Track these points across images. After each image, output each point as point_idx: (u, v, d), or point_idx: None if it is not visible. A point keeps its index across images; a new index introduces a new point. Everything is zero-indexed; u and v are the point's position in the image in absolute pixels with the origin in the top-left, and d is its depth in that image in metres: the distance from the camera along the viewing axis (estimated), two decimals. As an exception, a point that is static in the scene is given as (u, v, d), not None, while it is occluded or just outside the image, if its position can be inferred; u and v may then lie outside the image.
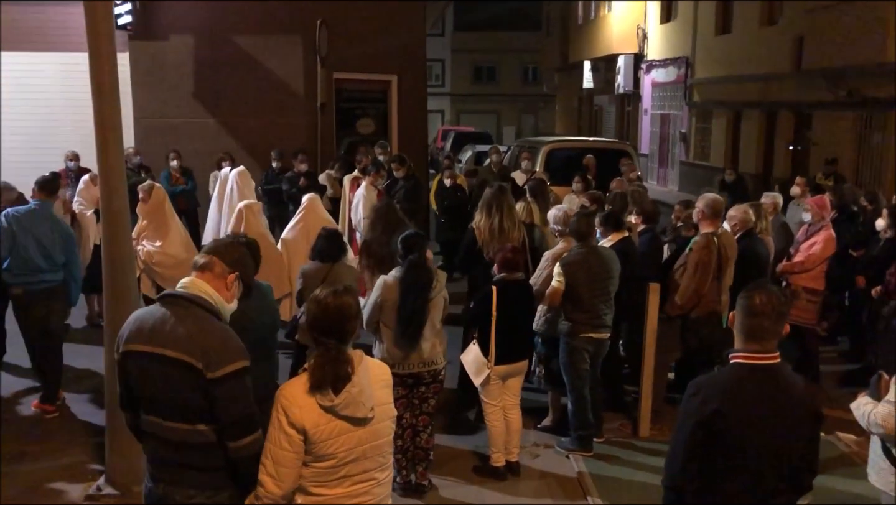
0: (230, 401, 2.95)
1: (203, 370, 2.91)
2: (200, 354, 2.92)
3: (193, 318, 3.02)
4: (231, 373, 2.95)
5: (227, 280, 3.18)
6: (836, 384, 7.47)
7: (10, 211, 6.25)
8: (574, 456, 5.79)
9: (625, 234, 6.37)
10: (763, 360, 2.84)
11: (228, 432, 2.97)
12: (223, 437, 2.97)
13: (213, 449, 3.00)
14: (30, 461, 5.60)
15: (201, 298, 3.07)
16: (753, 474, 2.81)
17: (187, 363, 2.93)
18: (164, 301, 3.10)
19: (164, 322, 3.01)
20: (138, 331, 3.05)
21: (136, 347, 3.04)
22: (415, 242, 5.04)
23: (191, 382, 2.93)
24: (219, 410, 2.94)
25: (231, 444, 2.97)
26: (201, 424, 2.98)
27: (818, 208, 7.35)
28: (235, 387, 2.96)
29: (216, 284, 3.15)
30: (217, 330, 3.04)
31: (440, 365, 5.09)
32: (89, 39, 4.75)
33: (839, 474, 5.48)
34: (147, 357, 3.00)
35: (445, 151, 23.48)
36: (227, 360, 2.95)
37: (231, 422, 2.96)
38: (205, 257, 3.19)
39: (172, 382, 2.97)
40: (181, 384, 2.95)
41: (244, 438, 2.97)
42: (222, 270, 3.17)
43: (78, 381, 6.98)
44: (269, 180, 11.22)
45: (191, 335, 2.96)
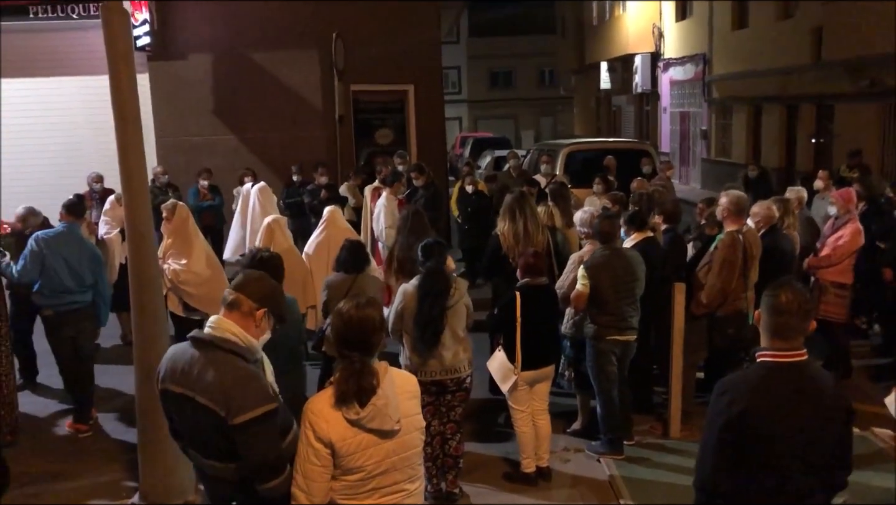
0: (253, 447, 2.98)
1: (225, 417, 2.95)
2: (223, 400, 2.96)
3: (217, 362, 3.02)
4: (253, 419, 2.95)
5: (256, 317, 3.14)
6: (869, 379, 7.37)
7: (40, 234, 6.35)
8: (605, 459, 5.76)
9: (648, 233, 6.34)
10: (790, 357, 2.82)
11: (255, 476, 3.02)
12: (253, 480, 3.03)
13: (247, 485, 3.07)
14: (66, 480, 5.68)
15: (228, 341, 3.06)
16: (785, 473, 2.78)
17: (210, 409, 2.98)
18: (195, 342, 3.12)
19: (192, 365, 3.06)
20: (172, 371, 3.12)
21: (172, 387, 3.11)
22: (434, 250, 5.05)
23: (214, 426, 3.00)
24: (244, 454, 2.99)
25: (260, 486, 3.02)
26: (232, 463, 3.07)
27: (844, 201, 7.26)
28: (258, 432, 2.97)
29: (244, 323, 3.11)
30: (241, 376, 3.02)
31: (464, 373, 5.07)
32: (109, 62, 4.82)
33: (875, 470, 5.40)
34: (181, 399, 3.08)
35: (464, 158, 23.50)
36: (249, 406, 2.96)
37: (256, 466, 3.00)
38: (232, 294, 3.14)
39: (201, 424, 3.05)
40: (207, 428, 3.03)
41: (272, 481, 3.00)
42: (250, 309, 3.13)
43: (109, 399, 7.06)
44: (291, 194, 11.31)
45: (214, 381, 2.99)
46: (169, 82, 12.30)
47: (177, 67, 12.32)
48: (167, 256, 6.74)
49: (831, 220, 7.43)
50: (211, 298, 6.20)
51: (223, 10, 12.27)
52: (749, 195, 7.71)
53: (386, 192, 8.94)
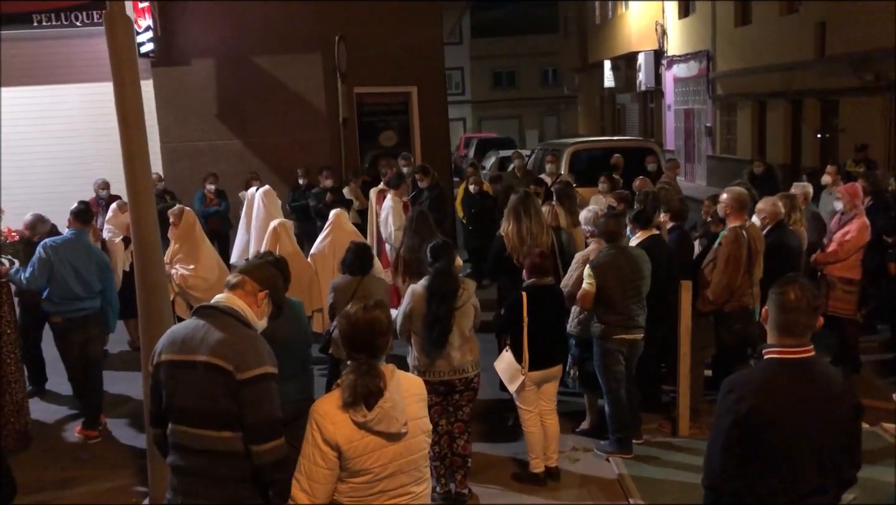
0: (256, 403, 3.05)
1: (233, 372, 3.02)
2: (231, 355, 3.05)
3: (225, 325, 3.15)
4: (259, 375, 3.06)
5: (258, 297, 3.33)
6: (878, 374, 7.35)
7: (48, 241, 6.37)
8: (614, 458, 5.75)
9: (653, 231, 6.33)
10: (798, 354, 2.81)
11: (252, 435, 3.05)
12: (248, 440, 3.06)
13: (238, 458, 3.08)
14: (75, 486, 5.70)
15: (234, 309, 3.23)
16: (794, 470, 2.77)
17: (218, 366, 3.05)
18: (200, 312, 3.25)
19: (196, 331, 3.15)
20: (171, 343, 3.19)
21: (168, 357, 3.17)
22: (442, 251, 5.06)
23: (221, 385, 3.04)
24: (245, 411, 3.04)
25: (254, 447, 3.05)
26: (227, 430, 3.07)
27: (849, 196, 7.24)
28: (263, 389, 3.07)
29: (248, 301, 3.30)
30: (247, 336, 3.17)
31: (472, 373, 5.08)
32: (113, 69, 4.83)
33: (885, 465, 5.37)
34: (179, 365, 3.13)
35: (469, 159, 23.51)
36: (256, 362, 3.07)
37: (256, 424, 3.05)
38: (237, 277, 3.35)
39: (202, 387, 3.08)
40: (211, 388, 3.06)
41: (267, 443, 3.05)
42: (253, 288, 3.32)
43: (118, 405, 7.08)
44: (296, 197, 11.32)
45: (222, 340, 3.09)
46: (172, 88, 12.33)
47: (180, 73, 12.35)
48: (175, 261, 6.77)
49: (837, 216, 7.41)
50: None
51: (226, 14, 12.30)
52: (755, 192, 7.71)
53: (391, 194, 8.94)
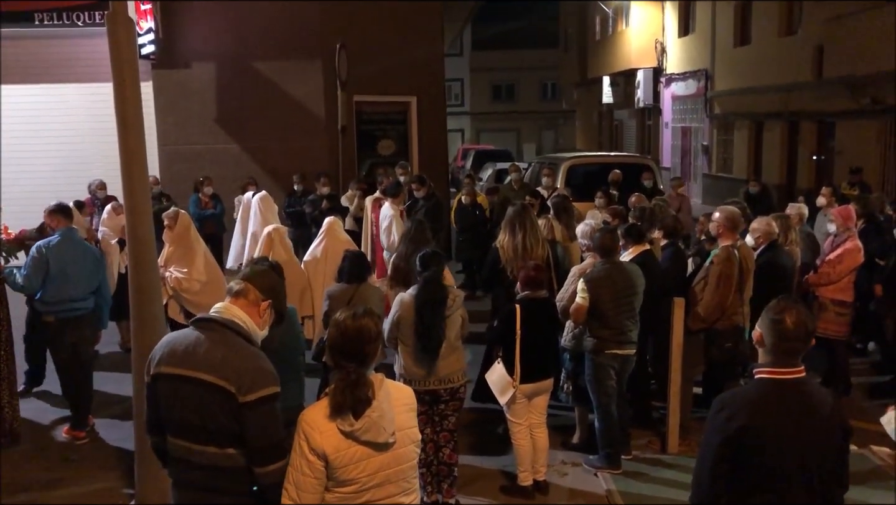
0: (260, 426, 2.95)
1: (235, 394, 2.92)
2: (234, 377, 2.94)
3: (227, 342, 3.04)
4: (263, 397, 2.95)
5: (261, 308, 3.21)
6: (867, 396, 7.37)
7: (41, 243, 6.33)
8: (602, 474, 5.75)
9: (646, 246, 6.35)
10: (789, 374, 2.81)
11: (256, 458, 2.97)
12: (251, 461, 2.98)
13: (242, 474, 3.01)
14: (62, 487, 5.66)
15: (235, 322, 3.09)
16: (782, 490, 2.78)
17: (220, 387, 2.94)
18: (198, 325, 3.12)
19: (197, 345, 3.03)
20: (171, 354, 3.06)
21: (168, 369, 3.05)
22: (431, 260, 5.06)
23: (223, 405, 2.94)
24: (248, 434, 2.94)
25: (258, 469, 2.97)
26: (231, 447, 2.98)
27: (842, 219, 7.28)
28: (266, 412, 2.97)
29: (249, 311, 3.17)
30: (250, 354, 3.05)
31: (458, 383, 5.06)
32: (113, 70, 4.83)
33: (873, 487, 5.39)
34: (179, 380, 3.02)
35: (466, 170, 23.55)
36: (259, 384, 2.96)
37: (260, 447, 2.96)
38: (240, 284, 3.22)
39: (204, 406, 2.97)
40: (213, 408, 2.96)
41: (271, 465, 2.96)
42: (256, 298, 3.20)
43: (107, 406, 7.04)
44: (292, 203, 11.32)
45: (224, 359, 2.98)
46: (172, 90, 12.35)
47: (180, 76, 12.37)
48: (169, 264, 6.76)
49: (831, 238, 7.45)
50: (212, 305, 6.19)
51: (228, 19, 12.34)
52: (749, 211, 7.74)
53: (390, 202, 8.95)
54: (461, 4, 18.79)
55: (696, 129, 24.98)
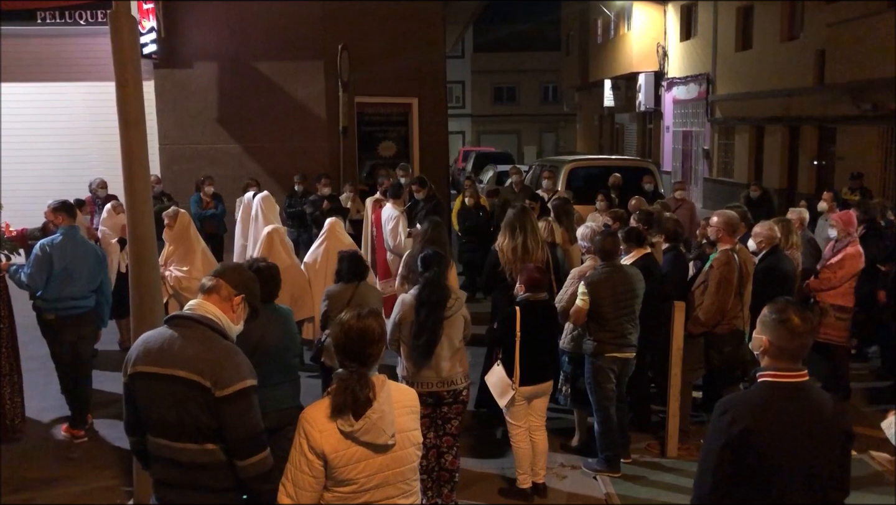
0: (238, 419, 2.96)
1: (211, 388, 2.92)
2: (209, 372, 2.94)
3: (201, 337, 3.04)
4: (239, 391, 2.95)
5: (233, 302, 3.21)
6: (867, 402, 7.36)
7: (44, 241, 6.34)
8: (601, 477, 5.74)
9: (647, 250, 6.35)
10: (792, 378, 2.81)
11: (236, 451, 2.98)
12: (231, 455, 2.99)
13: (223, 469, 3.01)
14: (60, 485, 5.65)
15: (208, 318, 3.10)
16: (783, 494, 2.77)
17: (196, 382, 2.93)
18: (171, 322, 3.12)
19: (171, 343, 3.03)
20: (146, 353, 3.06)
21: (143, 368, 3.04)
22: (433, 261, 5.05)
23: (199, 400, 2.94)
24: (227, 428, 2.95)
25: (239, 462, 2.98)
26: (210, 443, 2.99)
27: (843, 224, 7.27)
28: (243, 405, 2.97)
29: (223, 307, 3.17)
30: (225, 349, 3.05)
31: (461, 385, 5.04)
32: (116, 69, 4.83)
33: (873, 492, 5.38)
34: (155, 378, 3.01)
35: (466, 172, 23.56)
36: (235, 378, 2.96)
37: (239, 440, 2.97)
38: (211, 280, 3.23)
39: (180, 402, 2.97)
40: (190, 404, 2.96)
41: (252, 457, 2.98)
42: (228, 293, 3.20)
43: (106, 405, 7.03)
44: (293, 204, 11.32)
45: (199, 354, 2.98)
46: (174, 90, 12.35)
47: (182, 75, 12.38)
48: (169, 263, 6.76)
49: (832, 243, 7.45)
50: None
51: (230, 19, 12.35)
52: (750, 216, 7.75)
53: (392, 203, 8.94)
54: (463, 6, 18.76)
55: (698, 133, 25.00)
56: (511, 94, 46.09)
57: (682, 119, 26.32)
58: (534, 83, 45.32)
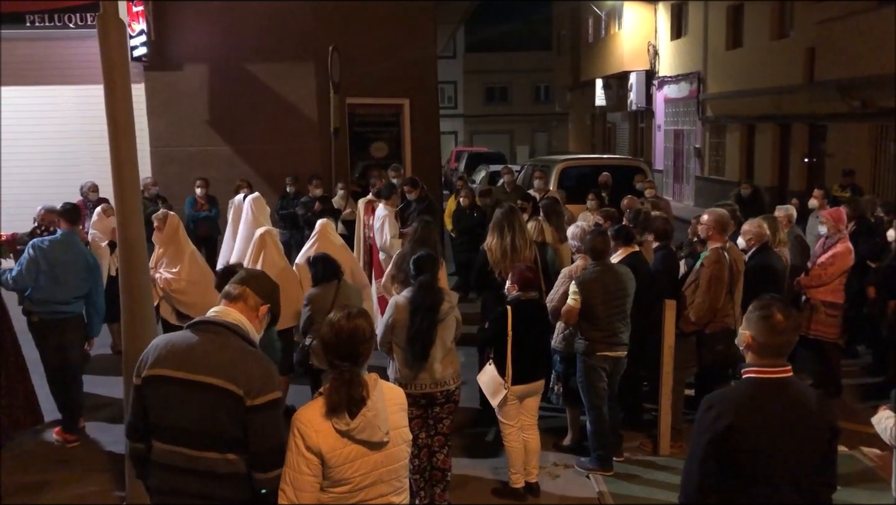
0: (265, 430, 2.92)
1: (244, 397, 2.88)
2: (243, 380, 2.89)
3: (232, 345, 2.99)
4: (270, 402, 2.93)
5: (259, 312, 3.16)
6: (858, 398, 7.39)
7: (36, 241, 6.31)
8: (594, 475, 5.76)
9: (635, 248, 6.36)
10: (776, 373, 2.84)
11: (258, 462, 2.93)
12: (252, 467, 2.94)
13: (240, 480, 2.96)
14: (52, 490, 5.64)
15: (238, 326, 3.05)
16: (770, 490, 2.79)
17: (228, 390, 2.88)
18: (199, 327, 3.06)
19: (199, 348, 2.97)
20: (167, 356, 2.99)
21: (164, 371, 2.97)
22: (426, 263, 5.06)
23: (229, 409, 2.89)
24: (254, 438, 2.91)
25: (260, 475, 2.93)
26: (232, 453, 2.94)
27: (833, 221, 7.30)
28: (271, 416, 2.94)
29: (248, 315, 3.13)
30: (257, 358, 3.01)
31: (453, 386, 5.06)
32: (104, 72, 4.82)
33: (863, 489, 5.41)
34: (179, 383, 2.94)
35: (459, 172, 23.56)
36: (268, 388, 2.94)
37: (263, 452, 2.92)
38: (238, 288, 3.15)
39: (207, 410, 2.91)
40: (218, 411, 2.90)
41: (273, 471, 2.92)
42: (255, 302, 3.15)
43: (98, 409, 7.02)
44: (285, 205, 11.31)
45: (232, 362, 2.93)
46: (165, 92, 12.32)
47: (173, 78, 12.34)
48: (159, 265, 6.74)
49: (822, 240, 7.48)
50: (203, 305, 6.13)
51: (220, 21, 12.31)
52: (740, 214, 7.77)
53: (384, 203, 8.95)
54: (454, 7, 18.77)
55: (689, 131, 25.06)
56: (503, 94, 46.10)
57: (673, 118, 26.39)
58: (526, 83, 45.33)
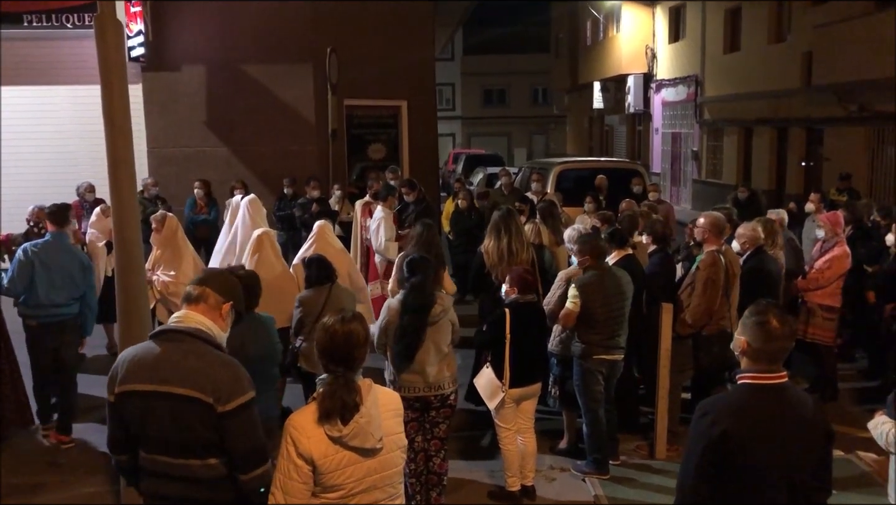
0: (241, 433, 2.90)
1: (213, 404, 2.85)
2: (210, 388, 2.86)
3: (196, 351, 2.93)
4: (242, 405, 2.90)
5: (223, 310, 3.10)
6: (854, 402, 7.39)
7: (28, 245, 6.30)
8: (590, 479, 5.75)
9: (628, 251, 6.36)
10: (771, 379, 2.83)
11: (239, 465, 2.92)
12: (234, 469, 2.93)
13: (224, 482, 2.95)
14: (47, 492, 5.62)
15: (201, 330, 2.98)
16: (765, 495, 2.78)
17: (196, 399, 2.85)
18: (161, 337, 3.00)
19: (165, 359, 2.92)
20: (136, 370, 2.94)
21: (135, 386, 2.93)
22: (420, 266, 5.05)
23: (201, 417, 2.87)
24: (230, 442, 2.89)
25: (242, 476, 2.92)
26: (213, 458, 2.92)
27: (831, 224, 7.31)
28: (246, 419, 2.91)
29: (211, 315, 3.05)
30: (223, 362, 2.96)
31: (448, 389, 5.04)
32: (101, 72, 4.83)
33: (860, 493, 5.41)
34: (151, 396, 2.90)
35: (457, 174, 23.55)
36: (237, 392, 2.90)
37: (242, 454, 2.91)
38: (197, 289, 3.07)
39: (180, 420, 2.88)
40: (191, 420, 2.87)
41: (255, 470, 2.92)
42: (217, 301, 3.08)
43: (93, 411, 6.98)
44: (282, 207, 11.30)
45: (198, 370, 2.88)
46: (162, 93, 12.31)
47: (171, 79, 12.34)
48: (156, 267, 6.73)
49: (819, 243, 7.48)
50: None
51: (218, 22, 12.32)
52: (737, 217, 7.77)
53: (381, 205, 8.94)
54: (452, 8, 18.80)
55: (686, 134, 25.08)
56: (501, 97, 46.11)
57: (670, 121, 26.40)
58: (524, 85, 45.33)
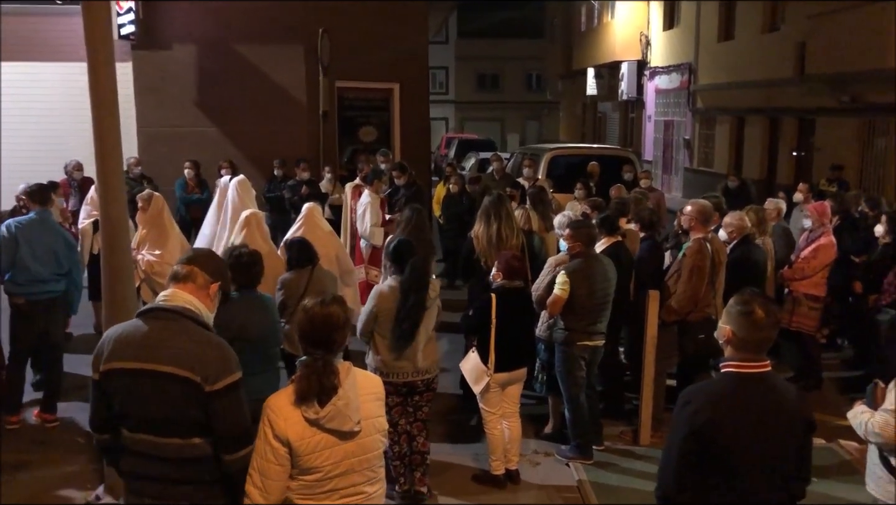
0: (228, 413, 2.89)
1: (201, 383, 2.84)
2: (199, 367, 2.85)
3: (185, 330, 2.92)
4: (229, 385, 2.89)
5: (210, 290, 3.08)
6: (839, 391, 7.45)
7: (12, 222, 6.27)
8: (574, 464, 5.78)
9: (618, 238, 6.37)
10: (755, 368, 2.84)
11: (225, 445, 2.91)
12: (219, 449, 2.92)
13: (208, 462, 2.94)
14: (31, 470, 5.62)
15: (188, 309, 2.97)
16: (746, 483, 2.80)
17: (185, 378, 2.84)
18: (149, 315, 2.98)
19: (152, 337, 2.91)
20: (122, 347, 2.93)
21: (122, 364, 2.92)
22: (407, 249, 5.05)
23: (187, 396, 2.86)
24: (216, 422, 2.88)
25: (226, 456, 2.92)
26: (196, 437, 2.91)
27: (818, 214, 7.34)
28: (234, 399, 2.91)
29: (199, 295, 3.03)
30: (212, 342, 2.95)
31: (432, 374, 5.10)
32: (88, 48, 4.78)
33: (840, 481, 5.46)
34: (138, 374, 2.89)
35: (449, 159, 23.50)
36: (225, 372, 2.89)
37: (228, 434, 2.91)
38: (185, 268, 3.05)
39: (167, 398, 2.87)
40: (177, 399, 2.86)
41: (240, 451, 2.92)
42: (205, 281, 3.06)
43: (79, 389, 6.95)
44: (272, 188, 11.26)
45: (186, 349, 2.87)
46: (152, 72, 12.21)
47: (161, 57, 12.23)
48: (142, 247, 6.70)
49: (806, 233, 7.53)
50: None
51: (210, 2, 12.20)
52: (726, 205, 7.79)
53: (367, 189, 8.90)
54: (447, -9, 18.68)
55: (679, 122, 25.07)
56: (495, 82, 45.93)
57: (663, 108, 26.37)
58: (518, 70, 45.15)
